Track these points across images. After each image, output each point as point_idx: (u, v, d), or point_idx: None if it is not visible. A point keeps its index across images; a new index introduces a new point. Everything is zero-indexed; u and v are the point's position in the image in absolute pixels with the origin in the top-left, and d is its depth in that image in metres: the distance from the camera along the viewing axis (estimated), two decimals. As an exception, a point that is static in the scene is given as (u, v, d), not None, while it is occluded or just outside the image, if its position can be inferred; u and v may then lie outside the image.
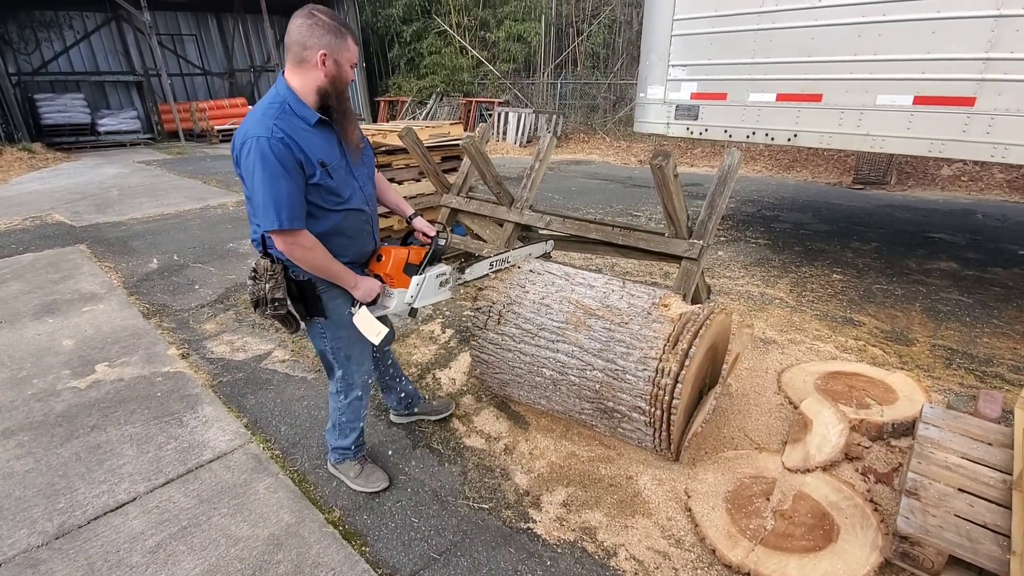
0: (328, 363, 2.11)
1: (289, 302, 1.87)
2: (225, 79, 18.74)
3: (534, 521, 2.10)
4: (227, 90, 18.60)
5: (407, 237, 2.23)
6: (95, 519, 2.12)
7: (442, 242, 2.08)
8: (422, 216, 2.22)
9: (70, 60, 15.88)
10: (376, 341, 1.88)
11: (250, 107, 16.58)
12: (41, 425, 2.72)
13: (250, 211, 1.79)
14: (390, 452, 2.51)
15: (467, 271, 2.33)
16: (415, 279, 1.98)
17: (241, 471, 2.38)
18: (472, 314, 2.61)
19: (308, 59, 1.66)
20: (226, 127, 15.49)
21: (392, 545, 2.00)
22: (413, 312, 2.02)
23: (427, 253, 2.04)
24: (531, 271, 2.59)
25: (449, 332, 3.62)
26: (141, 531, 2.06)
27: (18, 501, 2.22)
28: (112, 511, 2.16)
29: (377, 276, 1.98)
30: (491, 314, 2.51)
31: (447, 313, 3.89)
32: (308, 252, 1.73)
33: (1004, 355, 3.30)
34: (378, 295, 1.93)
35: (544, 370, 2.37)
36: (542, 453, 2.47)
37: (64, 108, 14.40)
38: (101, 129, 14.97)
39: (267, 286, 1.80)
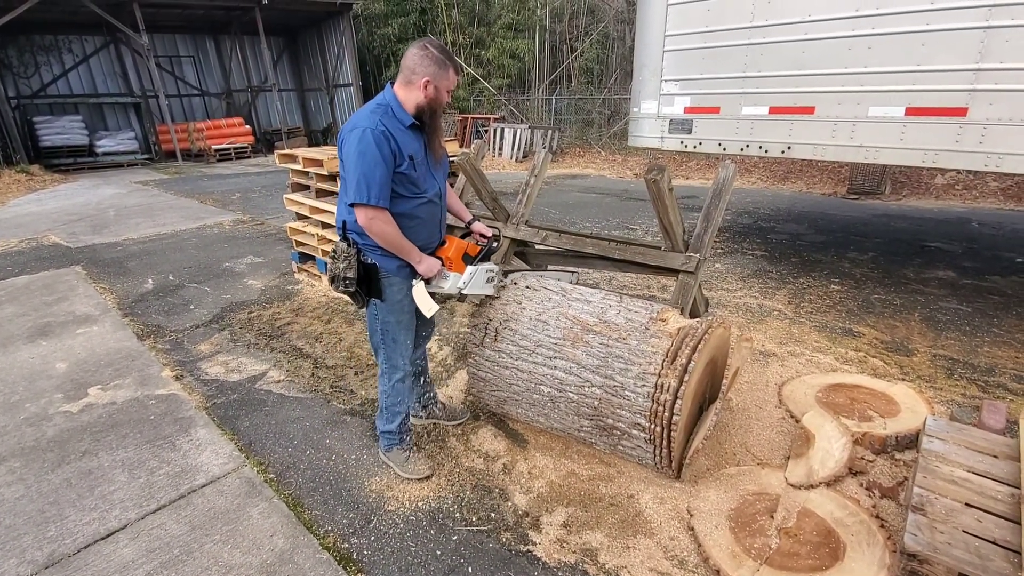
0: (376, 344, 2.32)
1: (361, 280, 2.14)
2: (222, 99, 18.90)
3: (534, 543, 2.06)
4: (224, 110, 18.74)
5: (464, 237, 2.47)
6: (85, 547, 2.08)
7: (495, 244, 2.42)
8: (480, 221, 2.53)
9: (69, 83, 16.03)
10: (428, 314, 2.19)
11: (247, 127, 16.83)
12: (32, 451, 2.68)
13: (341, 195, 2.12)
14: (388, 472, 2.47)
15: (509, 276, 2.64)
16: (469, 268, 2.29)
17: (234, 496, 2.33)
18: (469, 331, 2.59)
19: (414, 82, 2.01)
20: (223, 146, 15.58)
21: (388, 571, 1.96)
22: (462, 297, 2.31)
23: (483, 249, 2.37)
24: (527, 287, 2.57)
25: (446, 349, 3.59)
26: (132, 560, 2.01)
27: (8, 529, 2.17)
28: (102, 539, 2.11)
29: (439, 258, 2.23)
30: (488, 331, 2.49)
31: (444, 330, 3.87)
32: (384, 226, 2.02)
33: (1006, 364, 3.27)
34: (437, 272, 2.19)
35: (542, 387, 2.34)
36: (541, 472, 2.43)
37: (62, 130, 14.49)
38: (99, 150, 15.04)
39: (342, 266, 2.10)
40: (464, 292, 2.28)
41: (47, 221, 8.04)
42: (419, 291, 2.16)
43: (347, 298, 2.23)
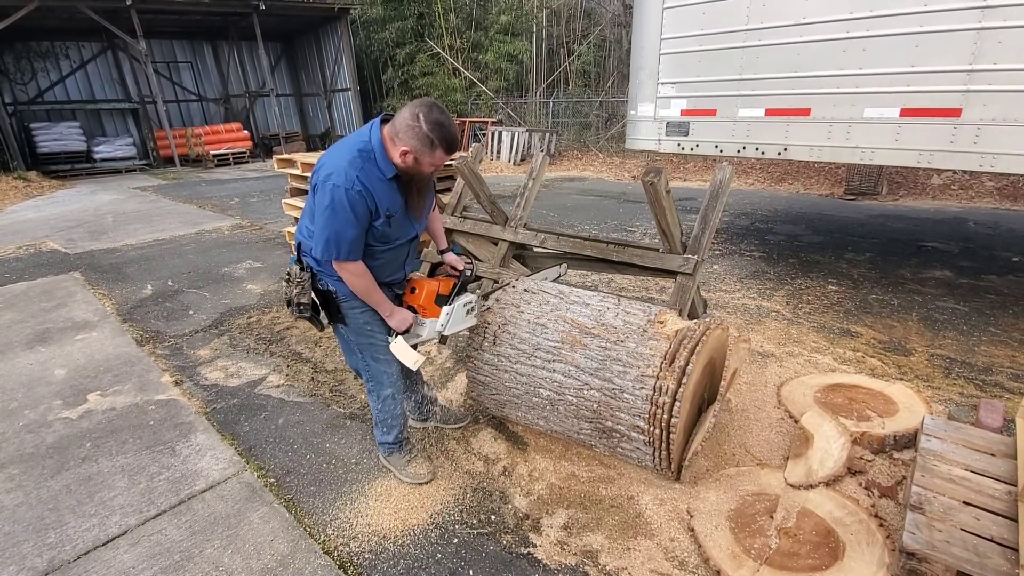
0: (355, 365, 2.32)
1: (318, 305, 2.08)
2: (220, 104, 18.91)
3: (534, 545, 2.06)
4: (222, 115, 18.76)
5: (434, 269, 2.35)
6: (85, 554, 2.07)
7: (468, 274, 2.31)
8: (453, 251, 2.43)
9: (66, 89, 16.03)
10: (413, 368, 2.12)
11: (245, 132, 16.81)
12: (32, 457, 2.68)
13: (305, 213, 2.05)
14: (389, 475, 2.47)
15: (490, 298, 2.55)
16: (445, 309, 2.18)
17: (235, 501, 2.33)
18: (468, 335, 2.59)
19: (397, 144, 1.85)
20: (221, 152, 15.59)
21: (389, 575, 1.96)
22: (444, 339, 2.23)
23: (455, 284, 2.26)
24: (525, 290, 2.58)
25: (445, 353, 3.59)
26: (132, 566, 2.01)
27: (7, 536, 2.17)
28: (102, 545, 2.11)
29: (411, 307, 2.17)
30: (486, 335, 2.50)
31: (440, 343, 3.86)
32: (356, 279, 1.96)
33: (1003, 363, 3.29)
34: (411, 325, 2.12)
35: (541, 390, 2.35)
36: (541, 475, 2.43)
37: (60, 136, 14.48)
38: (97, 156, 15.03)
39: (296, 291, 2.03)
40: (444, 334, 2.21)
41: (45, 227, 8.04)
42: (398, 346, 2.09)
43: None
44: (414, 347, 2.20)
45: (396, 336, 2.10)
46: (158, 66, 16.70)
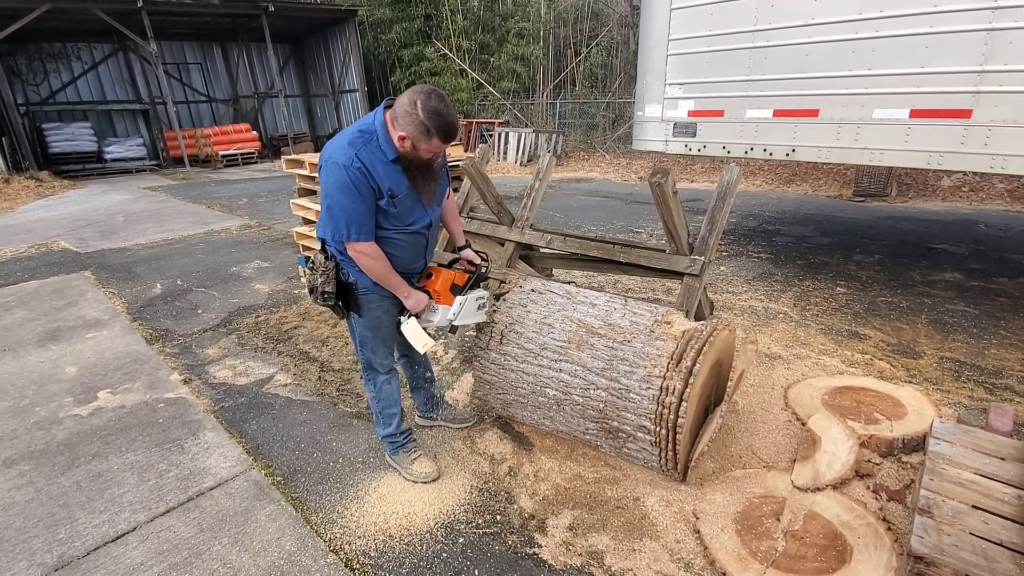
0: (356, 351, 2.35)
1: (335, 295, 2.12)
2: (229, 105, 19.06)
3: (540, 546, 2.06)
4: (231, 116, 18.91)
5: (452, 263, 2.43)
6: (95, 550, 2.10)
7: (484, 270, 2.37)
8: (471, 247, 2.46)
9: (77, 90, 16.21)
10: (422, 351, 2.18)
11: (254, 133, 16.91)
12: (42, 454, 2.71)
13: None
14: (395, 474, 2.48)
15: (501, 299, 2.58)
16: (458, 298, 2.23)
17: (242, 498, 2.35)
18: (474, 334, 2.60)
19: (396, 129, 1.87)
20: (230, 152, 15.70)
21: (395, 574, 1.96)
22: (453, 329, 2.29)
23: (471, 278, 2.31)
24: (532, 290, 2.58)
25: (452, 352, 3.60)
26: (141, 562, 2.03)
27: (18, 532, 2.20)
28: (112, 541, 2.13)
29: (426, 291, 2.21)
30: (493, 334, 2.50)
31: (450, 334, 3.87)
32: (372, 261, 1.99)
33: (1013, 367, 3.25)
34: (425, 307, 2.16)
35: (547, 390, 2.35)
36: (547, 475, 2.43)
37: (71, 137, 14.66)
38: (107, 156, 15.20)
39: (320, 280, 2.07)
40: (455, 323, 2.24)
41: (56, 227, 8.13)
42: (410, 327, 2.14)
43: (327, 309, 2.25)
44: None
45: (409, 317, 2.15)
46: (168, 67, 16.86)
